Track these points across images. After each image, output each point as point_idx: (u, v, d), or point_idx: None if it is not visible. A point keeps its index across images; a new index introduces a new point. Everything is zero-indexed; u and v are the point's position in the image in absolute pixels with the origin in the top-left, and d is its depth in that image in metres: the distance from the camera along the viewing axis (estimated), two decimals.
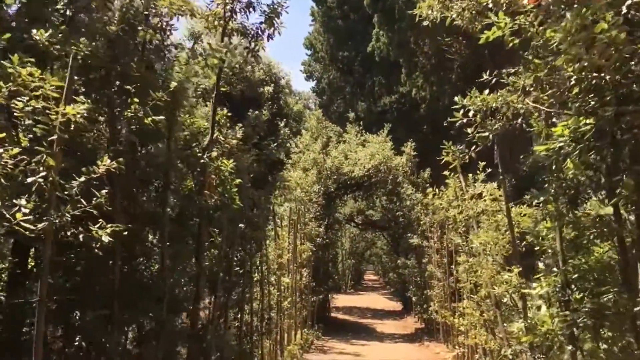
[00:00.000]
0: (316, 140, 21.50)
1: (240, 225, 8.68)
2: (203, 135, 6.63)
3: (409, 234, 20.30)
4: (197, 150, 6.10)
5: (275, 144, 12.81)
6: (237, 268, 8.91)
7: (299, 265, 17.08)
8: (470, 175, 9.45)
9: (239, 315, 9.00)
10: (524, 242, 6.95)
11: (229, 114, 10.48)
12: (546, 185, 5.29)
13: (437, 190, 10.20)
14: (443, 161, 6.37)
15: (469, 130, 5.82)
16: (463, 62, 20.11)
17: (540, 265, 6.05)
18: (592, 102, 4.04)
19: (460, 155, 6.06)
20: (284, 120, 22.12)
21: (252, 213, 9.23)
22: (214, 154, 6.22)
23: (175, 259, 6.00)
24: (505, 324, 7.97)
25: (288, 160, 20.48)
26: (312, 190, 19.77)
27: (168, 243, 5.74)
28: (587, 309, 5.19)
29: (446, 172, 10.02)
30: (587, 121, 4.01)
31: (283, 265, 14.38)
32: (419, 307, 22.25)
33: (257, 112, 9.99)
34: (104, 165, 3.99)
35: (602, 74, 4.16)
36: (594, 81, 4.20)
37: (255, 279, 10.54)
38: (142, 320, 5.31)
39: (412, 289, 22.53)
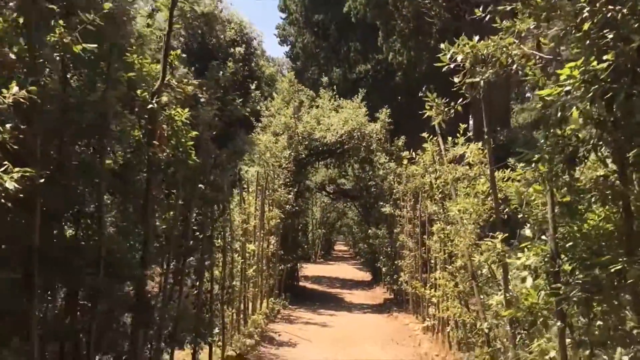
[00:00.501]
0: (288, 104, 20.63)
1: (200, 185, 7.93)
2: (155, 79, 5.79)
3: (381, 203, 19.78)
4: (145, 95, 5.28)
5: (240, 100, 11.97)
6: (196, 232, 8.17)
7: (267, 233, 16.43)
8: (450, 138, 8.84)
9: (198, 283, 8.30)
10: (506, 210, 6.39)
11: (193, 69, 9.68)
12: (542, 141, 4.68)
13: (413, 154, 9.57)
14: (424, 116, 5.69)
15: (456, 80, 5.16)
16: (442, 26, 19.40)
17: (527, 232, 5.49)
18: (610, 37, 3.40)
19: (445, 109, 5.38)
20: (255, 82, 21.20)
21: (214, 173, 8.47)
22: (164, 98, 5.40)
23: (117, 218, 5.27)
24: (482, 297, 7.47)
25: (258, 123, 19.66)
26: (282, 156, 19.00)
27: (108, 199, 5.00)
28: (580, 281, 4.65)
29: (424, 134, 9.41)
30: (604, 57, 3.36)
31: (249, 231, 13.70)
32: (388, 278, 21.92)
33: (217, 62, 8.98)
34: (12, 94, 3.19)
35: (619, 7, 3.52)
36: (609, 14, 3.55)
37: (217, 244, 9.85)
38: (72, 286, 4.57)
39: (382, 259, 22.16)
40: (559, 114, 3.91)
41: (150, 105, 5.25)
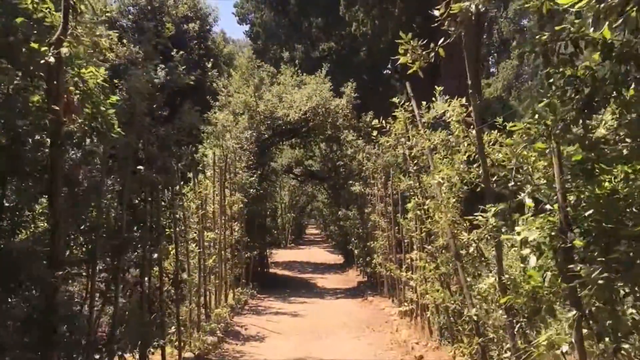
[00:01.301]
0: (247, 82, 19.35)
1: (139, 167, 6.76)
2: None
3: (351, 182, 18.80)
4: (38, 46, 4.08)
5: (183, 67, 10.72)
6: (140, 222, 7.01)
7: (229, 219, 15.28)
8: (424, 103, 7.82)
9: (143, 280, 7.15)
10: (495, 178, 5.44)
11: None
12: (549, 82, 3.69)
13: (383, 122, 8.53)
14: (401, 62, 4.63)
15: (437, 13, 4.12)
16: None
17: (528, 201, 4.52)
18: None
19: (424, 53, 4.34)
20: (212, 60, 19.87)
21: (155, 151, 7.30)
22: (65, 50, 4.20)
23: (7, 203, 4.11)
24: (468, 279, 6.52)
25: (215, 102, 18.37)
26: (243, 137, 17.79)
27: None
28: (603, 259, 3.70)
29: (395, 99, 8.38)
30: None
31: (208, 218, 12.56)
32: (361, 260, 21.07)
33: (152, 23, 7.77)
34: None
35: None
36: None
37: (168, 234, 8.70)
38: None
39: (354, 241, 21.26)
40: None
41: (46, 59, 4.04)
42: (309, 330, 12.02)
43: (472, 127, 5.57)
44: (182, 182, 9.85)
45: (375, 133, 9.34)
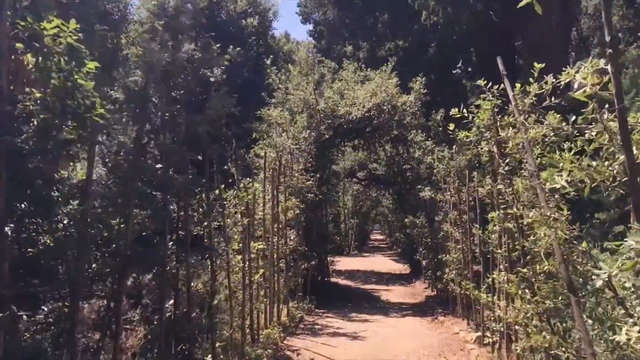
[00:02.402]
0: (307, 77, 17.94)
1: (149, 161, 5.41)
2: None
3: (419, 187, 16.96)
4: None
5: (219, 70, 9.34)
6: (154, 234, 5.65)
7: (283, 226, 13.88)
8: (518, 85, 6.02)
9: (161, 307, 5.78)
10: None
11: None
12: None
13: (464, 112, 6.76)
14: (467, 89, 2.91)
15: None
16: None
17: None
18: None
19: None
20: (271, 57, 18.59)
21: (170, 145, 5.93)
22: None
23: None
24: (591, 323, 4.69)
25: (271, 99, 17.08)
26: (301, 137, 16.38)
27: None
28: None
29: (480, 81, 6.61)
30: None
31: (257, 226, 11.18)
32: (429, 273, 19.17)
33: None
34: None
35: None
36: None
37: (204, 245, 7.35)
38: None
39: (422, 251, 19.39)
40: None
41: None
42: (371, 358, 10.36)
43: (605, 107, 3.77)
44: (222, 185, 8.49)
45: (452, 127, 7.57)
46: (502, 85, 6.53)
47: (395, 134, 17.85)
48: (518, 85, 6.01)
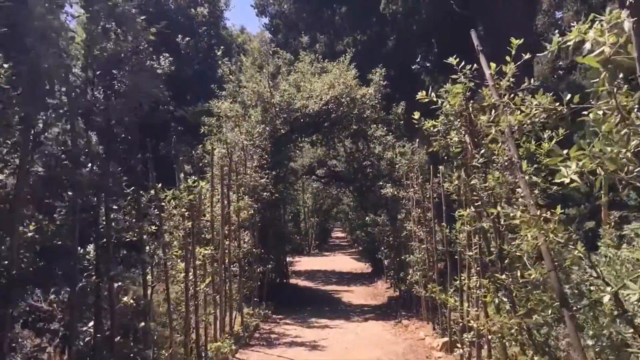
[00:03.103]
0: (261, 69, 16.91)
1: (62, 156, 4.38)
2: None
3: (380, 183, 16.16)
4: None
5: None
6: (59, 241, 4.59)
7: (236, 228, 12.86)
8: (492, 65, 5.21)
9: (71, 333, 4.72)
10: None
11: None
12: None
13: (433, 96, 5.92)
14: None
15: None
16: None
17: None
18: None
19: None
20: (222, 48, 17.46)
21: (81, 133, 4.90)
22: None
23: None
24: (590, 343, 3.89)
25: (221, 92, 15.99)
26: (255, 132, 15.36)
27: None
28: None
29: (450, 59, 5.78)
30: None
31: (203, 229, 10.15)
32: (392, 273, 18.44)
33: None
34: None
35: None
36: None
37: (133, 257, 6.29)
38: None
39: (384, 250, 18.63)
40: None
41: None
42: None
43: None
44: (160, 184, 7.45)
45: (417, 115, 6.74)
46: (473, 66, 5.74)
47: (355, 129, 17.00)
48: (493, 65, 5.21)
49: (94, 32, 6.06)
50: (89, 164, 5.19)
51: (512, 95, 4.83)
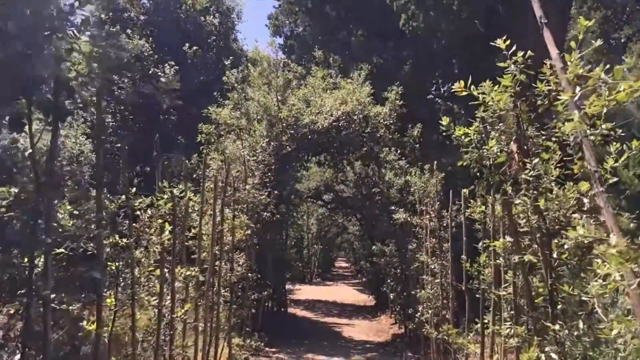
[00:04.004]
0: (269, 80, 15.82)
1: None
2: None
3: (392, 208, 14.87)
4: None
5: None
6: None
7: (230, 249, 11.59)
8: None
9: None
10: None
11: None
12: None
13: (472, 91, 4.73)
14: None
15: None
16: None
17: None
18: None
19: None
20: (231, 58, 16.44)
21: None
22: None
23: None
24: None
25: (225, 100, 14.91)
26: (258, 146, 14.21)
27: None
28: None
29: (499, 42, 4.59)
30: None
31: (186, 247, 8.90)
32: (397, 308, 17.03)
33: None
34: None
35: None
36: None
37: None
38: None
39: (390, 283, 17.25)
40: None
41: None
42: None
43: None
44: (134, 189, 6.25)
45: (445, 121, 5.55)
46: (527, 53, 4.53)
47: (366, 150, 15.79)
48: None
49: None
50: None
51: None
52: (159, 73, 18.08)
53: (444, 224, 10.88)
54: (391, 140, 15.49)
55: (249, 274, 13.13)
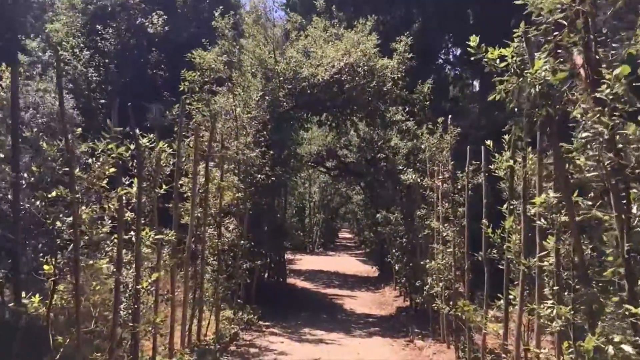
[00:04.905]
0: (265, 31, 14.31)
1: None
2: None
3: (400, 168, 13.57)
4: None
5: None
6: None
7: (217, 213, 10.36)
8: None
9: None
10: None
11: None
12: None
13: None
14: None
15: None
16: None
17: None
18: None
19: None
20: (220, 8, 14.89)
21: None
22: None
23: None
24: None
25: (213, 47, 13.47)
26: (252, 101, 12.85)
27: None
28: None
29: None
30: None
31: (155, 207, 7.66)
32: (403, 279, 15.87)
33: None
34: None
35: None
36: None
37: None
38: None
39: (395, 253, 16.04)
40: None
41: None
42: None
43: None
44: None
45: (474, 41, 4.23)
46: None
47: (371, 109, 14.35)
48: None
49: None
50: None
51: None
52: (147, 24, 16.63)
53: (458, 186, 9.58)
54: (399, 97, 14.06)
55: (241, 242, 11.94)
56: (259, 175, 12.58)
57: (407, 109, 14.40)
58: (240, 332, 11.10)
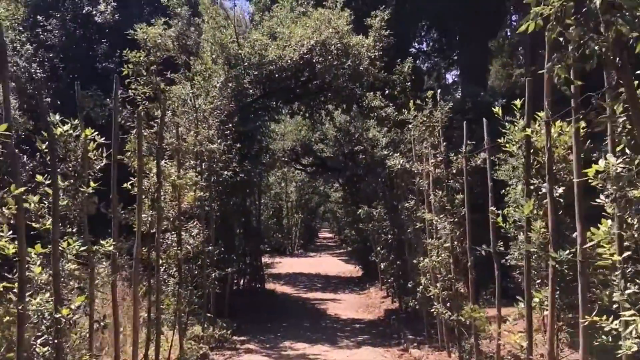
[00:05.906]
0: (226, 12, 12.87)
1: None
2: None
3: (386, 152, 12.23)
4: None
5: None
6: None
7: (176, 216, 8.88)
8: None
9: None
10: None
11: None
12: None
13: None
14: None
15: None
16: None
17: None
18: None
19: None
20: None
21: None
22: None
23: None
24: None
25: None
26: (213, 88, 11.40)
27: None
28: None
29: None
30: None
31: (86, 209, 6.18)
32: (390, 279, 14.56)
33: None
34: None
35: None
36: None
37: None
38: None
39: (380, 251, 14.76)
40: None
41: None
42: None
43: None
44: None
45: None
46: None
47: (346, 94, 12.95)
48: None
49: None
50: None
51: None
52: (94, 12, 15.04)
53: (453, 171, 8.29)
54: (376, 80, 12.71)
55: (208, 248, 10.50)
56: (225, 172, 11.14)
57: (386, 91, 13.07)
58: (210, 352, 9.62)
